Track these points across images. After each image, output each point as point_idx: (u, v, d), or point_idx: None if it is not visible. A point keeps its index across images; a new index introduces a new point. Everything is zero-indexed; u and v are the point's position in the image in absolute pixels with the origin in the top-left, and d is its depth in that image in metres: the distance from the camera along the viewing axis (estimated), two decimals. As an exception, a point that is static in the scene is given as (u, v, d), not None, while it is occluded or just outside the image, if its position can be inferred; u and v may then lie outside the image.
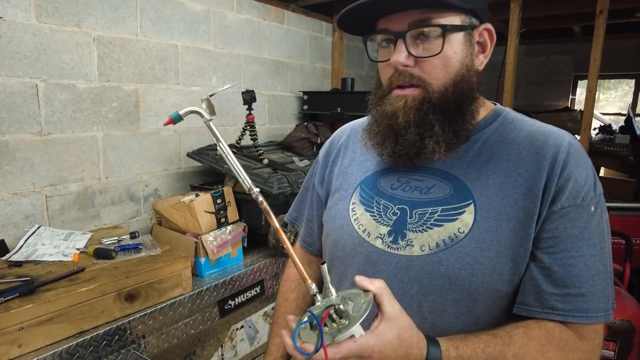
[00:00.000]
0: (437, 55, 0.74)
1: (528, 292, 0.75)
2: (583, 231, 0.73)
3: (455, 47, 0.75)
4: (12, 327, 1.16)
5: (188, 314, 1.59)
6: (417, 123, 0.77)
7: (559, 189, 0.73)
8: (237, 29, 2.59)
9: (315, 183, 1.04)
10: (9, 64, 1.64)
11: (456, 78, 0.77)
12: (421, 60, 0.75)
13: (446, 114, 0.77)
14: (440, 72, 0.76)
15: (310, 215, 1.06)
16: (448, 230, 0.77)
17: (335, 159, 1.00)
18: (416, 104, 0.77)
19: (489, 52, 0.82)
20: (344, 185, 0.93)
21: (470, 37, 0.78)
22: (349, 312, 0.63)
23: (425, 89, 0.76)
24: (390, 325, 0.63)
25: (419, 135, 0.77)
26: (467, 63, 0.78)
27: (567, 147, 0.76)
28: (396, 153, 0.81)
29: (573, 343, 0.72)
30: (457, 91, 0.77)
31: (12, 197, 1.72)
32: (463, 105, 0.79)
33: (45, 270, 1.44)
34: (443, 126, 0.77)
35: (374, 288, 0.65)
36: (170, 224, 1.81)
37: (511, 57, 2.67)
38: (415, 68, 0.76)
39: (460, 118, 0.78)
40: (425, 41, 0.75)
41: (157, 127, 2.20)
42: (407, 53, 0.75)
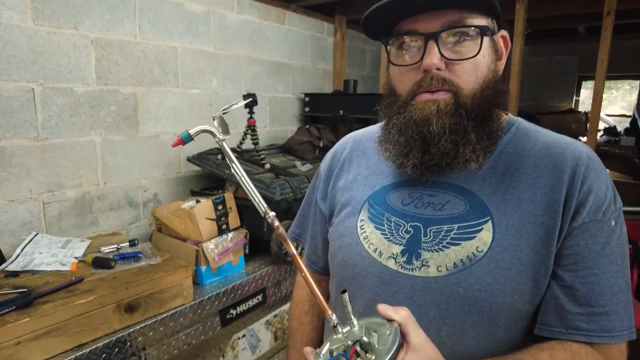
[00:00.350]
0: (473, 58, 0.71)
1: (550, 312, 0.71)
2: (605, 247, 0.70)
3: (484, 52, 0.72)
4: (8, 342, 1.13)
5: (189, 324, 1.56)
6: (452, 129, 0.72)
7: (580, 204, 0.70)
8: (237, 29, 2.55)
9: (318, 199, 0.99)
10: (4, 68, 1.60)
11: (484, 84, 0.73)
12: (453, 63, 0.71)
13: (479, 120, 0.73)
14: (471, 76, 0.72)
15: (314, 232, 1.01)
16: (466, 249, 0.73)
17: (339, 173, 0.95)
18: (450, 109, 0.72)
19: (504, 60, 0.79)
20: (351, 201, 0.89)
21: (493, 42, 0.75)
22: (374, 345, 0.59)
23: (457, 93, 0.72)
24: (417, 356, 0.60)
25: (454, 143, 0.72)
26: (493, 68, 0.75)
27: (586, 160, 0.73)
28: (424, 164, 0.75)
29: None
30: (484, 97, 0.73)
31: (9, 204, 1.68)
32: (493, 112, 0.75)
33: (43, 281, 1.40)
34: (478, 134, 0.73)
35: (399, 317, 0.61)
36: (170, 231, 1.77)
37: (516, 59, 2.63)
38: (446, 72, 0.72)
39: (493, 124, 0.75)
40: (458, 44, 0.71)
41: (156, 130, 2.16)
42: (440, 55, 0.70)
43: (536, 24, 3.44)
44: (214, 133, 0.68)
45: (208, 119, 2.41)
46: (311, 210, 1.02)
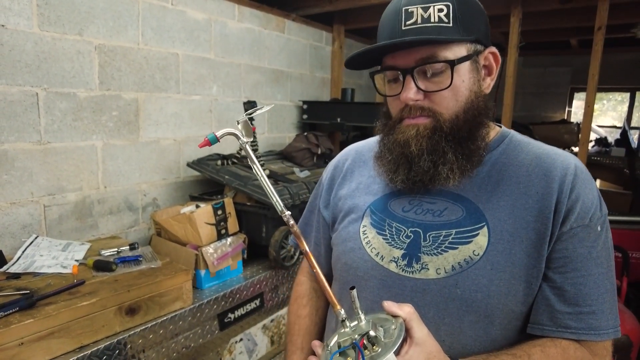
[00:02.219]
0: (447, 88, 0.76)
1: (541, 311, 0.76)
2: (591, 250, 0.75)
3: (463, 77, 0.77)
4: (12, 343, 1.14)
5: (188, 328, 1.58)
6: (429, 151, 0.78)
7: (568, 210, 0.75)
8: (238, 38, 2.59)
9: (321, 207, 1.03)
10: (10, 72, 1.63)
11: (466, 105, 0.78)
12: (431, 93, 0.77)
13: (458, 140, 0.79)
14: (450, 102, 0.78)
15: (318, 239, 1.05)
16: (463, 252, 0.77)
17: (342, 182, 1.00)
18: (428, 132, 0.78)
19: (495, 74, 0.83)
20: (354, 209, 0.93)
21: (477, 63, 0.79)
22: (380, 338, 0.64)
23: (436, 118, 0.78)
24: (420, 350, 0.64)
25: (432, 162, 0.79)
26: (475, 90, 0.79)
27: (574, 170, 0.78)
28: (410, 179, 0.82)
29: None
30: (467, 118, 0.79)
31: (10, 207, 1.70)
32: (474, 131, 0.80)
33: (45, 283, 1.42)
34: (456, 153, 0.79)
35: (404, 313, 0.66)
36: (170, 235, 1.79)
37: (511, 71, 2.69)
38: (425, 101, 0.78)
39: (473, 144, 0.80)
40: (434, 75, 0.76)
41: (157, 136, 2.19)
42: (416, 89, 0.77)
43: (530, 37, 3.51)
44: (239, 136, 0.72)
45: (208, 125, 2.45)
46: (314, 218, 1.06)
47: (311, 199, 1.09)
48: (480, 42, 0.79)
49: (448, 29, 0.74)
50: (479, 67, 0.80)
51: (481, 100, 0.80)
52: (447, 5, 0.74)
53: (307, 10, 2.97)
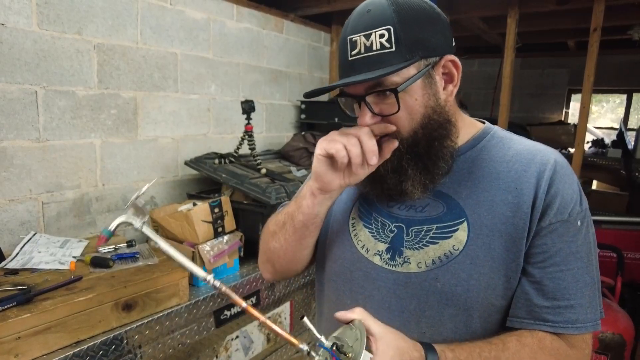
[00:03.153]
0: (397, 113, 0.77)
1: (520, 305, 0.78)
2: (571, 245, 0.77)
3: (415, 95, 0.78)
4: (9, 337, 1.16)
5: (184, 324, 1.59)
6: (393, 169, 0.81)
7: (547, 206, 0.77)
8: (237, 37, 2.61)
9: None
10: (9, 70, 1.64)
11: (423, 121, 0.80)
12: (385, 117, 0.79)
13: (416, 157, 0.81)
14: (405, 121, 0.79)
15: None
16: (443, 247, 0.80)
17: None
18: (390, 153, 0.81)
19: (457, 80, 0.82)
20: (343, 197, 0.95)
21: (431, 77, 0.79)
22: (348, 344, 0.66)
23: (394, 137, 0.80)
24: (386, 342, 0.68)
25: (397, 179, 0.82)
26: (432, 104, 0.79)
27: (554, 165, 0.79)
28: (384, 193, 0.86)
29: (564, 351, 0.75)
30: (426, 132, 0.80)
31: (9, 204, 1.71)
32: (433, 146, 0.81)
33: (42, 279, 1.43)
34: (415, 169, 0.81)
35: (357, 315, 0.69)
36: (167, 232, 1.81)
37: (507, 71, 2.71)
38: (382, 124, 0.80)
39: (434, 157, 0.81)
40: (385, 99, 0.78)
41: (155, 134, 2.21)
42: (370, 114, 0.78)
43: (528, 38, 3.53)
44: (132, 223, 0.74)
45: (207, 124, 2.47)
46: None
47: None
48: (431, 55, 0.77)
49: (390, 55, 0.74)
50: (433, 80, 0.79)
51: (440, 113, 0.80)
52: (388, 29, 0.73)
53: (305, 10, 2.99)
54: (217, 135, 2.55)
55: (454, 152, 0.84)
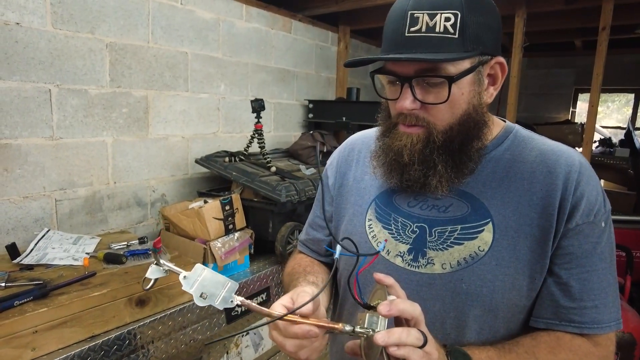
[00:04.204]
0: (444, 102, 0.75)
1: (546, 306, 0.78)
2: (596, 246, 0.77)
3: (463, 89, 0.76)
4: (26, 331, 1.17)
5: (196, 320, 1.60)
6: (420, 161, 0.79)
7: (573, 207, 0.76)
8: (246, 37, 2.63)
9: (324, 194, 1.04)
10: (24, 69, 1.67)
11: (462, 118, 0.77)
12: (427, 104, 0.76)
13: (449, 153, 0.78)
14: (446, 114, 0.77)
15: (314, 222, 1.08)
16: (469, 248, 0.79)
17: (347, 171, 1.00)
18: (421, 145, 0.78)
19: (499, 84, 0.81)
20: (359, 201, 0.94)
21: (480, 75, 0.77)
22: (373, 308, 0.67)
23: (430, 129, 0.77)
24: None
25: (423, 172, 0.79)
26: (475, 102, 0.78)
27: (579, 167, 0.79)
28: (403, 184, 0.83)
29: (587, 348, 0.75)
30: (462, 130, 0.78)
31: (23, 201, 1.73)
32: (467, 144, 0.79)
33: (57, 274, 1.45)
34: (446, 166, 0.79)
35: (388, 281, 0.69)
36: (178, 229, 1.82)
37: (515, 71, 2.71)
38: (421, 110, 0.77)
39: (465, 156, 0.80)
40: (432, 87, 0.75)
41: (166, 133, 2.23)
42: (412, 98, 0.75)
43: (534, 38, 3.53)
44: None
45: (216, 123, 2.48)
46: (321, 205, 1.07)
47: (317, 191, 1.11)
48: (486, 52, 0.76)
49: (452, 42, 0.71)
50: (482, 78, 0.78)
51: (479, 112, 0.79)
52: (455, 14, 0.70)
53: (313, 10, 3.00)
54: (226, 134, 2.57)
55: (481, 153, 0.82)
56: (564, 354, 0.74)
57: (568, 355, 0.74)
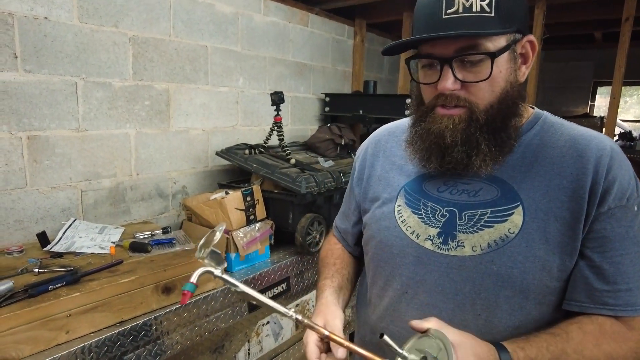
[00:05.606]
0: (486, 80, 0.76)
1: (579, 289, 0.79)
2: (628, 230, 0.77)
3: (501, 67, 0.77)
4: (61, 314, 1.21)
5: (219, 308, 1.63)
6: (464, 142, 0.80)
7: (605, 191, 0.77)
8: (264, 31, 2.64)
9: (354, 185, 1.07)
10: (52, 63, 1.71)
11: (501, 96, 0.79)
12: (468, 83, 0.78)
13: (492, 131, 0.80)
14: (486, 92, 0.78)
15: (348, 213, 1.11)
16: (499, 231, 0.80)
17: (374, 162, 1.02)
18: (463, 125, 0.79)
19: (530, 62, 0.83)
20: (387, 189, 0.96)
21: (514, 52, 0.79)
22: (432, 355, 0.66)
23: (472, 109, 0.79)
24: (465, 350, 0.67)
25: (466, 153, 0.80)
26: (511, 80, 0.79)
27: (610, 151, 0.79)
28: (443, 167, 0.84)
29: (624, 335, 0.76)
30: (502, 108, 0.79)
31: (51, 191, 1.78)
32: (507, 121, 0.81)
33: (85, 262, 1.49)
34: (489, 144, 0.80)
35: (433, 324, 0.69)
36: (201, 219, 1.85)
37: (534, 63, 2.68)
38: (462, 91, 0.78)
39: (505, 134, 0.81)
40: (472, 66, 0.76)
41: (187, 126, 2.26)
42: (453, 79, 0.77)
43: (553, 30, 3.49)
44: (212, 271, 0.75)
45: (235, 116, 2.51)
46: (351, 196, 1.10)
47: (348, 184, 1.13)
48: (520, 30, 0.78)
49: (489, 20, 0.73)
50: (516, 56, 0.80)
51: (516, 89, 0.81)
52: None
53: (329, 4, 3.01)
54: (245, 127, 2.59)
55: (517, 135, 0.84)
56: (606, 345, 0.75)
57: (611, 345, 0.75)
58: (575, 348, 0.73)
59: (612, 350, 0.75)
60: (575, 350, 0.73)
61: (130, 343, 1.36)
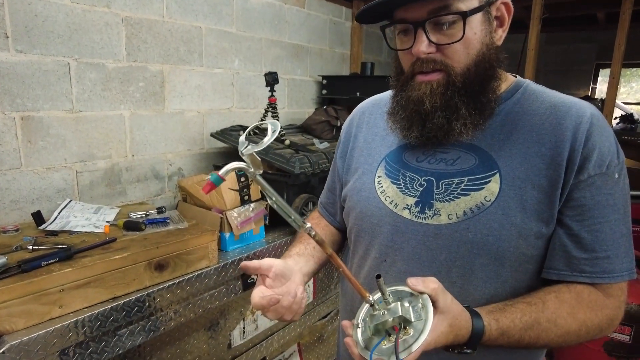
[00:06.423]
0: (459, 41, 0.76)
1: (558, 257, 0.79)
2: (608, 198, 0.77)
3: (475, 29, 0.77)
4: (54, 289, 1.23)
5: (213, 286, 1.65)
6: (443, 107, 0.80)
7: (585, 159, 0.76)
8: (259, 12, 2.62)
9: (337, 157, 1.08)
10: (43, 43, 1.70)
11: (477, 58, 0.79)
12: (443, 46, 0.78)
13: (470, 95, 0.80)
14: (462, 55, 0.78)
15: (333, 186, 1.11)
16: (475, 199, 0.80)
17: (357, 134, 1.03)
18: (441, 89, 0.79)
19: (507, 25, 0.83)
20: (369, 160, 0.97)
21: (489, 14, 0.79)
22: (411, 320, 0.67)
23: (448, 72, 0.78)
24: (443, 317, 0.67)
25: (446, 118, 0.80)
26: (487, 42, 0.79)
27: (590, 118, 0.79)
28: (424, 136, 0.84)
29: (602, 302, 0.77)
30: (479, 71, 0.79)
31: (46, 172, 1.79)
32: (486, 84, 0.81)
33: (79, 240, 1.50)
34: (469, 108, 0.80)
35: (429, 290, 0.69)
36: (195, 200, 1.87)
37: (533, 43, 2.65)
38: (437, 54, 0.78)
39: (484, 97, 0.81)
40: (446, 28, 0.76)
41: (181, 107, 2.26)
42: (427, 42, 0.77)
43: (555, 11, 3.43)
44: (246, 169, 0.68)
45: (230, 98, 2.50)
46: (336, 168, 1.11)
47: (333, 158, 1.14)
48: None
49: None
50: (491, 18, 0.80)
51: (492, 52, 0.80)
52: None
53: (327, -15, 2.97)
54: (240, 110, 2.59)
55: (497, 99, 0.83)
56: (582, 314, 0.75)
57: (586, 314, 0.75)
58: (549, 317, 0.74)
59: (587, 319, 0.75)
60: (549, 319, 0.74)
61: (124, 318, 1.38)
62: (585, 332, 0.76)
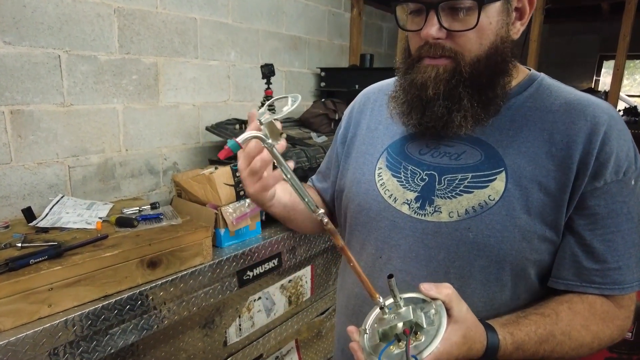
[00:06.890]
0: (472, 29, 0.71)
1: (567, 267, 0.75)
2: (623, 206, 0.73)
3: (491, 18, 0.72)
4: (42, 287, 1.20)
5: (208, 283, 1.62)
6: (446, 95, 0.75)
7: (601, 165, 0.72)
8: (256, 2, 2.57)
9: (338, 141, 1.03)
10: (32, 34, 1.66)
11: (490, 50, 0.74)
12: (454, 32, 0.73)
13: (476, 87, 0.75)
14: (474, 44, 0.73)
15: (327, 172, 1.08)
16: (478, 197, 0.76)
17: (360, 120, 0.99)
18: (447, 76, 0.75)
19: (526, 19, 0.78)
20: (370, 150, 0.93)
21: (509, 4, 0.74)
22: (423, 326, 0.64)
23: (457, 61, 0.74)
24: (457, 327, 0.64)
25: (447, 108, 0.76)
26: (502, 34, 0.75)
27: (608, 119, 0.74)
28: (422, 124, 0.80)
29: (613, 313, 0.74)
30: (489, 64, 0.74)
31: (37, 167, 1.75)
32: (495, 79, 0.76)
33: (70, 237, 1.47)
34: (472, 100, 0.75)
35: (443, 296, 0.65)
36: (190, 195, 1.83)
37: (535, 35, 2.60)
38: (447, 40, 0.74)
39: (491, 92, 0.76)
40: (459, 13, 0.71)
41: (176, 101, 2.21)
42: (438, 25, 0.72)
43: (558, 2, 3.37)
44: (263, 139, 0.66)
45: (226, 91, 2.46)
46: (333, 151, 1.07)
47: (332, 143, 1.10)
48: None
49: None
50: (511, 9, 0.74)
51: (507, 46, 0.76)
52: None
53: (325, -25, 2.91)
54: (237, 103, 2.54)
55: (505, 96, 0.79)
56: (594, 326, 0.72)
57: (599, 325, 0.72)
58: (563, 330, 0.71)
59: (599, 331, 0.73)
60: (563, 332, 0.71)
61: (115, 317, 1.35)
62: (598, 344, 0.73)
